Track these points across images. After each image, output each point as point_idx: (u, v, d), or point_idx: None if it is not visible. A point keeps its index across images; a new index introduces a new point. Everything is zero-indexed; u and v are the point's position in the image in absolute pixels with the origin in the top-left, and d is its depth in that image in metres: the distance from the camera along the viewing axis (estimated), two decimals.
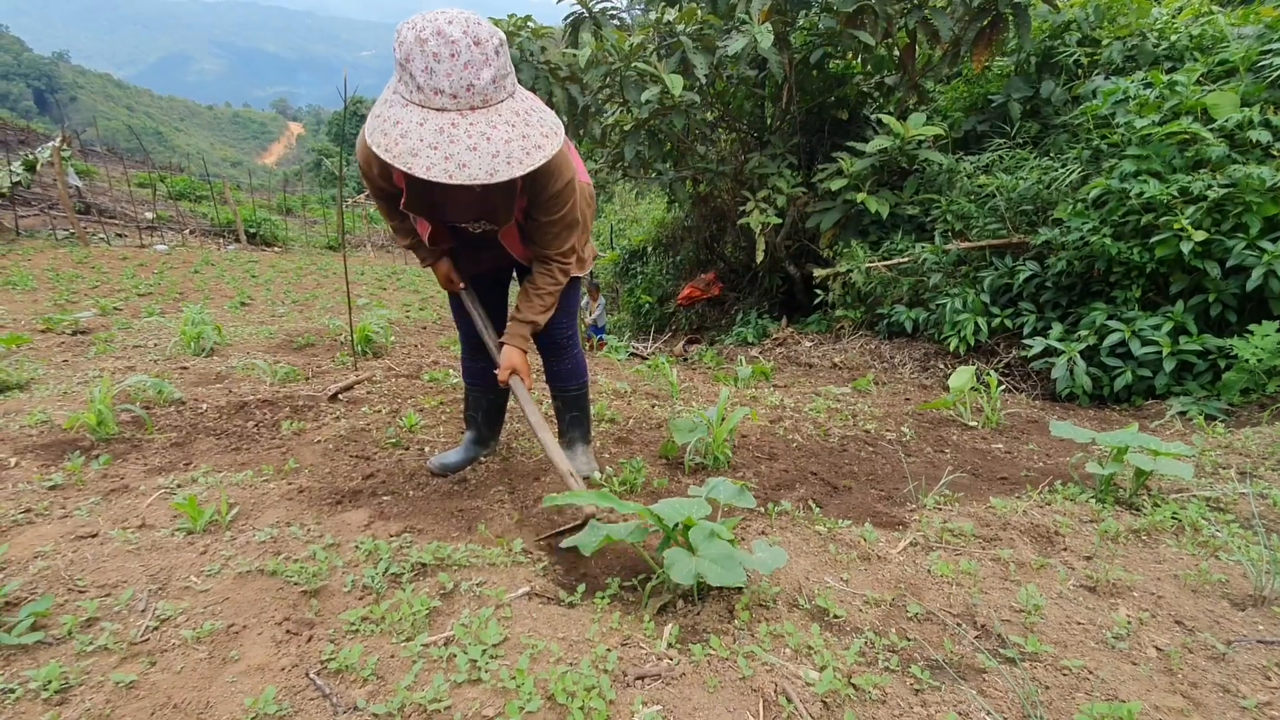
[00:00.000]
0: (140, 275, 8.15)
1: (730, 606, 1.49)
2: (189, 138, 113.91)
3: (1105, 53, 5.82)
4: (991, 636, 1.44)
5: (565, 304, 2.25)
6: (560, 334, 2.31)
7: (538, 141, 1.53)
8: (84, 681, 1.25)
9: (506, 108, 1.53)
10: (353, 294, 4.74)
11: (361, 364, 4.17)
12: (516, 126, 1.52)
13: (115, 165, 18.28)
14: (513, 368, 2.05)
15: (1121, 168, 4.31)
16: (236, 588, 1.57)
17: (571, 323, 2.34)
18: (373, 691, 1.21)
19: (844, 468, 2.66)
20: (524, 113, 1.55)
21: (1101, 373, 4.22)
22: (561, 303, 2.20)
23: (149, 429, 2.69)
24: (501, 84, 1.51)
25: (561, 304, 2.21)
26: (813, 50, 6.75)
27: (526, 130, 1.53)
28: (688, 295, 8.71)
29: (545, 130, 1.56)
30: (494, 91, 1.50)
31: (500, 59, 1.49)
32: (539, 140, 1.54)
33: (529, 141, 1.52)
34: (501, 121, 1.50)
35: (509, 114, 1.52)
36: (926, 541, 1.86)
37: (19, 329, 4.76)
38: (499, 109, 1.51)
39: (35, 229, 10.88)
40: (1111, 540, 1.93)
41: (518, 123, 1.52)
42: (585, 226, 2.14)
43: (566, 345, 2.35)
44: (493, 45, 1.48)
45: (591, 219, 2.23)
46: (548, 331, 2.26)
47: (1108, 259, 4.29)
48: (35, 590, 1.54)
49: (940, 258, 5.48)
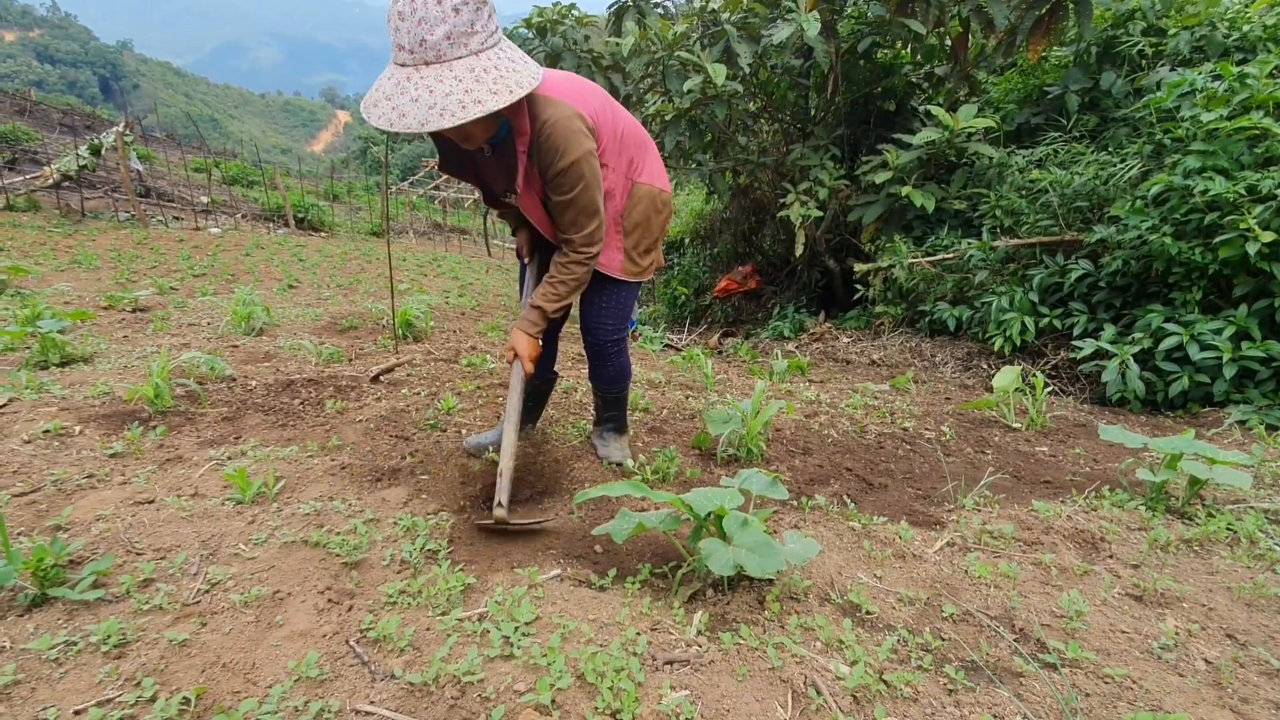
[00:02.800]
0: (195, 257, 8.46)
1: (760, 597, 1.49)
2: (242, 125, 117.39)
3: (1171, 43, 5.55)
4: (1030, 641, 1.41)
5: (612, 308, 2.16)
6: (604, 338, 2.21)
7: (479, 97, 1.52)
8: (140, 638, 1.32)
9: (463, 64, 1.54)
10: (394, 279, 4.84)
11: (402, 347, 4.26)
12: (464, 81, 1.53)
13: (174, 150, 18.98)
14: (515, 351, 2.00)
15: (1185, 164, 4.11)
16: (282, 556, 1.63)
17: (618, 328, 2.22)
18: (409, 661, 1.25)
19: (880, 465, 2.62)
20: (481, 70, 1.55)
21: (1156, 377, 4.05)
22: (607, 306, 2.14)
23: (202, 403, 2.80)
24: (461, 41, 1.53)
25: (607, 308, 2.15)
26: (860, 39, 6.59)
27: (473, 86, 1.53)
28: (724, 288, 8.65)
29: (495, 88, 1.54)
30: (449, 48, 1.52)
31: (459, 17, 1.51)
32: (481, 96, 1.53)
33: (470, 96, 1.52)
34: (450, 76, 1.53)
35: (462, 70, 1.53)
36: (964, 542, 1.83)
37: (84, 305, 4.99)
38: (452, 65, 1.53)
39: (99, 210, 11.37)
40: (1161, 549, 1.86)
41: (467, 78, 1.53)
42: (647, 229, 2.08)
43: (612, 352, 2.25)
44: (451, 4, 1.50)
45: (660, 227, 2.14)
46: (591, 334, 2.20)
47: (1167, 259, 4.11)
48: (96, 550, 1.63)
49: (987, 254, 5.33)
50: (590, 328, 2.20)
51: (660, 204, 2.10)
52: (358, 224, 17.49)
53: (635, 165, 2.04)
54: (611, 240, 2.05)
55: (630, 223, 2.06)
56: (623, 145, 1.99)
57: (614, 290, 2.14)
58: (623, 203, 2.04)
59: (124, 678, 1.21)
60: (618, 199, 2.02)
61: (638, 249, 2.10)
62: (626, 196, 2.04)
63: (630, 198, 2.04)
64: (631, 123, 2.05)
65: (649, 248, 2.13)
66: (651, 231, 2.11)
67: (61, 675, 1.22)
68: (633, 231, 2.07)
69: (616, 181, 1.99)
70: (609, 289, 2.14)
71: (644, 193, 2.05)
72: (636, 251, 2.10)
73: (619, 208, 2.04)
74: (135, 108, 61.99)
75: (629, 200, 2.04)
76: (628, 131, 2.01)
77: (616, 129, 1.96)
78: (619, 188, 2.01)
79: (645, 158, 2.07)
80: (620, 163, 1.99)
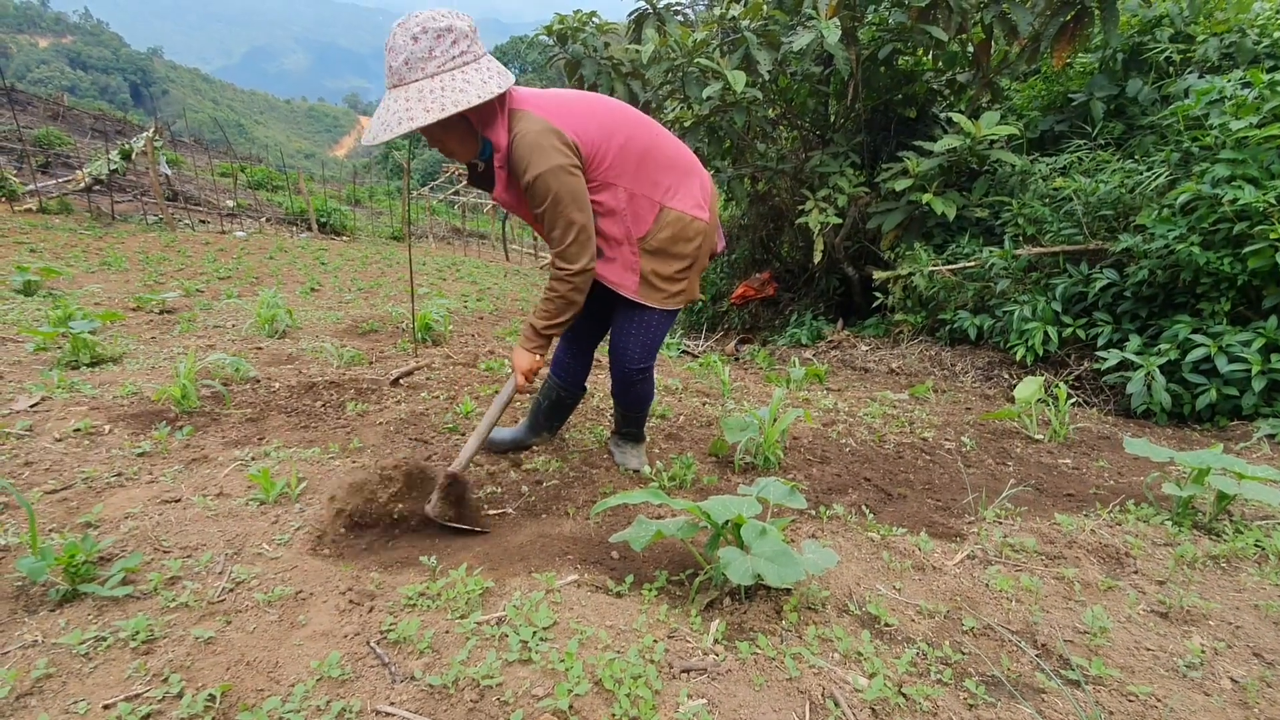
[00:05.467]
0: (220, 260, 8.62)
1: (778, 607, 1.48)
2: (267, 130, 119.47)
3: (1200, 50, 5.46)
4: (1053, 657, 1.39)
5: (639, 336, 2.13)
6: (630, 366, 2.18)
7: (413, 114, 1.68)
8: (167, 635, 1.35)
9: (416, 86, 1.70)
10: (414, 283, 4.90)
11: (421, 351, 4.31)
12: (409, 101, 1.69)
13: (201, 155, 19.38)
14: (513, 363, 2.06)
15: (1214, 172, 4.04)
16: (304, 557, 1.66)
17: (644, 357, 2.17)
18: (429, 663, 1.26)
19: (899, 475, 2.59)
20: (428, 90, 1.69)
21: (1182, 390, 3.98)
22: (635, 333, 2.12)
23: (227, 404, 2.85)
24: (417, 66, 1.69)
25: (635, 335, 2.12)
26: (881, 46, 6.56)
27: (413, 105, 1.69)
28: (741, 294, 8.62)
29: (429, 106, 1.68)
30: (407, 72, 1.70)
31: (417, 45, 1.68)
32: (415, 113, 1.68)
33: (407, 114, 1.68)
34: (404, 96, 1.70)
35: (414, 91, 1.70)
36: (985, 555, 1.81)
37: (114, 306, 5.11)
38: (408, 87, 1.70)
39: (128, 214, 11.64)
40: (1188, 565, 1.83)
41: (414, 98, 1.69)
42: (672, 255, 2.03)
43: (637, 380, 2.22)
44: (411, 34, 1.68)
45: (692, 256, 2.06)
46: (616, 359, 2.18)
47: (1194, 269, 4.04)
48: (125, 548, 1.66)
49: (1009, 263, 5.27)
50: (616, 353, 2.18)
51: (691, 232, 2.02)
52: (379, 228, 17.71)
53: (665, 188, 1.99)
54: (625, 259, 2.01)
55: (652, 245, 2.01)
56: (642, 165, 1.95)
57: (642, 317, 2.10)
58: (646, 225, 1.99)
59: (151, 673, 1.23)
60: (626, 218, 1.97)
61: (660, 274, 2.03)
62: (654, 219, 1.99)
63: (657, 221, 1.99)
64: (666, 147, 2.01)
65: (676, 275, 2.06)
66: (678, 258, 2.04)
67: (91, 670, 1.25)
68: (655, 254, 2.02)
69: (623, 200, 1.95)
70: (638, 316, 2.10)
71: (672, 218, 1.99)
72: (658, 276, 2.04)
73: (631, 228, 1.98)
74: (164, 113, 63.38)
75: (656, 223, 1.99)
76: (656, 153, 1.97)
77: (628, 148, 1.92)
78: (626, 206, 1.96)
79: (682, 184, 2.02)
80: (637, 183, 1.95)
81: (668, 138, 2.05)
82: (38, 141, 15.13)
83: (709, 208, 2.08)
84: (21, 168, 12.69)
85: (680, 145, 2.09)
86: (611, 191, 1.94)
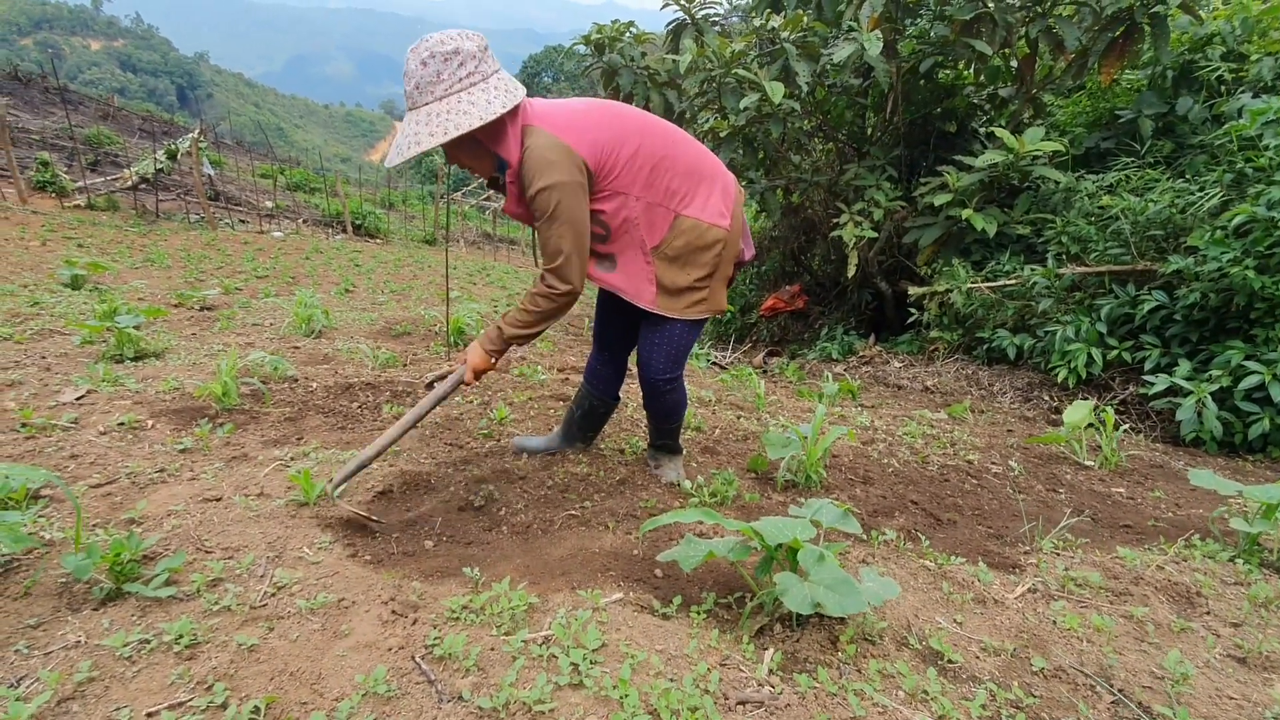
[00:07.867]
0: (259, 259, 8.77)
1: (833, 637, 1.42)
2: (306, 134, 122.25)
3: (1253, 69, 5.29)
4: (1131, 703, 1.30)
5: (664, 346, 2.10)
6: (656, 376, 2.15)
7: (419, 138, 1.73)
8: (211, 639, 1.32)
9: (426, 110, 1.75)
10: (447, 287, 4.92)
11: (454, 355, 4.31)
12: (419, 124, 1.74)
13: (242, 157, 19.85)
14: (464, 361, 2.03)
15: (1270, 194, 3.90)
16: (345, 563, 1.64)
17: (671, 368, 2.14)
18: (476, 683, 1.22)
19: (946, 499, 2.51)
20: (436, 113, 1.73)
21: (1234, 418, 3.83)
22: (660, 343, 2.09)
23: (266, 402, 2.86)
24: (427, 90, 1.74)
25: (660, 345, 2.09)
26: (922, 59, 6.47)
27: (421, 128, 1.73)
28: (771, 306, 8.54)
29: (434, 129, 1.72)
30: (418, 96, 1.75)
31: (426, 69, 1.72)
32: (421, 137, 1.73)
33: (414, 138, 1.74)
34: (414, 120, 1.76)
35: (424, 114, 1.74)
36: (1047, 589, 1.72)
37: (157, 302, 5.20)
38: (419, 111, 1.76)
39: (172, 212, 11.93)
40: (1262, 607, 1.72)
41: (423, 121, 1.74)
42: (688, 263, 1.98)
43: (665, 390, 2.19)
44: (420, 59, 1.72)
45: (711, 265, 2.00)
46: (643, 369, 2.15)
47: (1249, 293, 3.88)
48: (169, 546, 1.65)
49: (1052, 282, 5.13)
50: (643, 363, 2.16)
51: (709, 240, 1.97)
52: (411, 231, 17.94)
53: (681, 196, 1.95)
54: (640, 268, 1.97)
55: (667, 254, 1.96)
56: (655, 173, 1.91)
57: (666, 327, 2.06)
58: (660, 234, 1.95)
59: (195, 680, 1.21)
60: (640, 227, 1.94)
61: (678, 283, 1.99)
62: (669, 227, 1.94)
63: (671, 229, 1.95)
64: (684, 154, 1.97)
65: (695, 285, 2.00)
66: (695, 267, 1.99)
67: (135, 674, 1.23)
68: (671, 263, 1.97)
69: (635, 209, 1.92)
70: (662, 326, 2.07)
71: (687, 225, 1.94)
72: (677, 285, 1.99)
73: (645, 237, 1.95)
74: (208, 115, 65.13)
75: (670, 231, 1.95)
76: (671, 161, 1.93)
77: (639, 156, 1.88)
78: (639, 215, 1.92)
79: (699, 191, 1.97)
80: (650, 191, 1.91)
81: (687, 144, 2.01)
82: (88, 140, 15.61)
83: (731, 215, 2.02)
84: (72, 165, 13.10)
85: (702, 151, 2.04)
86: (623, 200, 1.91)
